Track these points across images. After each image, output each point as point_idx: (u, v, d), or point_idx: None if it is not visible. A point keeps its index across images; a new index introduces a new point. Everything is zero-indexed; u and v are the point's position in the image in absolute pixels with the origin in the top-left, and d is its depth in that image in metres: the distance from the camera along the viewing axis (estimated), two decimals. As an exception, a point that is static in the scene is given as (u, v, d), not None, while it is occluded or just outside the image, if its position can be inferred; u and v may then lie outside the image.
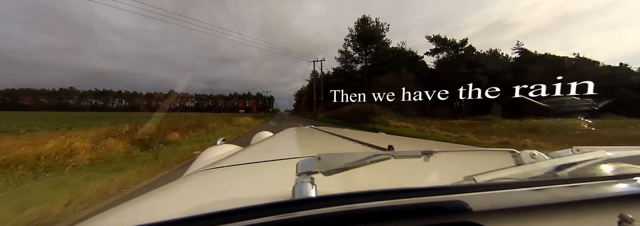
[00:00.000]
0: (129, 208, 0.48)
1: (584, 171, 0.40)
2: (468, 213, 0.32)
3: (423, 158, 0.44)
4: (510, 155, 0.47)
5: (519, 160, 0.45)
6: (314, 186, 0.38)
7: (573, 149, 0.45)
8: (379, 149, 0.99)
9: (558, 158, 0.43)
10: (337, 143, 1.33)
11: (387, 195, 0.31)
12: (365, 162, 0.39)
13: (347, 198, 0.31)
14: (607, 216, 0.34)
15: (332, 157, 0.39)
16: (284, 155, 0.91)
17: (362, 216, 0.29)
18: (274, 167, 0.77)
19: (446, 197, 0.32)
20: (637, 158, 0.44)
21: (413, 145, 1.31)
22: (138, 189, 3.27)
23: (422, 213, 0.32)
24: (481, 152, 0.84)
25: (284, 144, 1.46)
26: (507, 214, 0.33)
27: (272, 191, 0.50)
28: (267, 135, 2.44)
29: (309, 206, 0.29)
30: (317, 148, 1.30)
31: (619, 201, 0.37)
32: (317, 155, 0.39)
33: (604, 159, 0.42)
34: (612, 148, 0.45)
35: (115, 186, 3.24)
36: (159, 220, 0.29)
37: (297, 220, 0.28)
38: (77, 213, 2.47)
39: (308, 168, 0.39)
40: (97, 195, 2.91)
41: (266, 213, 0.28)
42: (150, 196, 0.54)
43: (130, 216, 0.44)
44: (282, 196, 0.42)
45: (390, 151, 0.54)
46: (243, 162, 0.84)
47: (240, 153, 1.15)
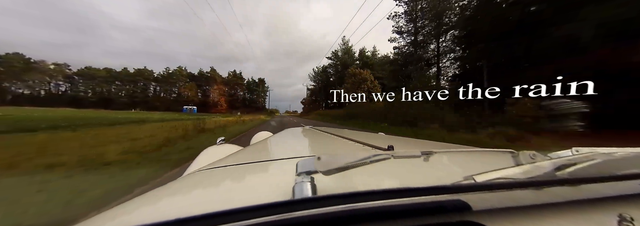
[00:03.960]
0: (129, 208, 0.48)
1: (584, 171, 0.40)
2: (468, 213, 0.32)
3: (423, 158, 0.44)
4: (509, 155, 0.47)
5: (518, 161, 0.45)
6: (313, 186, 0.38)
7: (572, 150, 0.46)
8: (379, 149, 0.99)
9: (557, 158, 0.43)
10: (337, 143, 1.33)
11: (387, 194, 0.32)
12: (365, 161, 0.40)
13: (347, 198, 0.31)
14: (607, 216, 0.34)
15: (332, 156, 0.39)
16: (284, 155, 0.91)
17: (362, 216, 0.29)
18: (273, 167, 0.77)
19: (446, 197, 0.32)
20: (637, 159, 0.44)
21: (413, 145, 1.31)
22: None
23: (422, 213, 0.32)
24: (481, 152, 0.83)
25: (284, 144, 1.46)
26: (507, 214, 0.34)
27: (272, 191, 0.50)
28: (267, 135, 2.44)
29: (309, 206, 0.29)
30: (317, 148, 1.30)
31: (619, 201, 0.37)
32: (317, 155, 0.39)
33: (604, 159, 0.42)
34: (612, 149, 0.45)
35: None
36: (159, 220, 0.29)
37: (297, 220, 0.28)
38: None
39: (308, 168, 0.39)
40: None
41: (266, 213, 0.28)
42: (150, 196, 0.54)
43: (130, 216, 0.44)
44: (282, 196, 0.42)
45: (390, 151, 0.54)
46: (243, 162, 0.84)
47: (240, 153, 1.15)
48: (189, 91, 72.30)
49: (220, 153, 1.32)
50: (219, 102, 71.70)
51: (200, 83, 75.44)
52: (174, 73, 75.94)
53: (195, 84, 74.16)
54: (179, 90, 73.82)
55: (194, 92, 73.29)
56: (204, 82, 75.73)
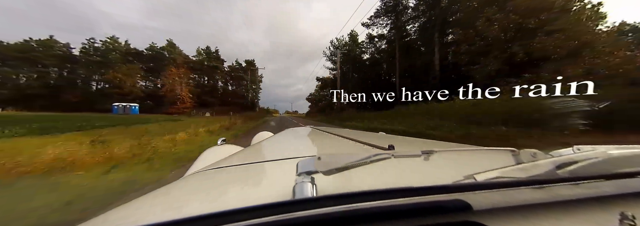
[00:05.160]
0: (130, 208, 0.48)
1: (585, 169, 0.40)
2: (469, 212, 0.32)
3: (423, 158, 0.44)
4: (510, 154, 0.47)
5: (519, 159, 0.45)
6: (314, 186, 0.38)
7: (574, 148, 0.45)
8: (380, 149, 0.99)
9: (559, 157, 0.43)
10: (337, 143, 1.33)
11: (388, 194, 0.31)
12: (365, 161, 0.40)
13: (348, 197, 0.30)
14: (608, 214, 0.34)
15: (332, 156, 0.39)
16: (284, 155, 0.91)
17: (362, 216, 0.29)
18: (274, 167, 0.77)
19: (447, 196, 0.32)
20: (638, 157, 0.44)
21: (413, 144, 1.31)
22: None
23: (422, 213, 0.32)
24: (481, 152, 0.83)
25: (284, 144, 1.46)
26: (508, 213, 0.33)
27: (272, 191, 0.50)
28: (268, 136, 2.44)
29: (309, 206, 0.29)
30: (318, 148, 1.30)
31: (620, 199, 0.37)
32: (317, 155, 0.39)
33: (605, 158, 0.42)
34: (613, 147, 0.45)
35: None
36: (161, 220, 0.29)
37: (297, 220, 0.28)
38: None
39: (308, 168, 0.39)
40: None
41: (266, 213, 0.28)
42: (151, 197, 0.54)
43: (131, 216, 0.44)
44: (282, 196, 0.42)
45: (390, 151, 0.54)
46: (243, 162, 0.84)
47: (240, 154, 1.15)
48: (126, 77, 41.84)
49: (221, 154, 1.32)
50: (179, 97, 42.93)
51: (153, 66, 47.18)
52: (103, 49, 44.93)
53: (139, 67, 45.58)
54: (104, 77, 42.97)
55: (133, 79, 43.34)
56: (157, 64, 46.51)
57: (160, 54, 48.87)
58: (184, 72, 45.10)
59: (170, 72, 43.02)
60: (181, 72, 44.51)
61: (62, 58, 43.59)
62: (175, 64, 45.84)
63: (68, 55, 44.90)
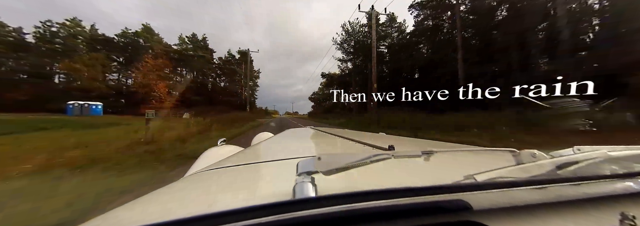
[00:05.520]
0: (131, 208, 0.48)
1: (585, 170, 0.40)
2: (469, 212, 0.32)
3: (423, 158, 0.44)
4: (510, 154, 0.47)
5: (519, 160, 0.45)
6: (314, 186, 0.38)
7: (574, 148, 0.45)
8: (380, 149, 0.99)
9: (559, 157, 0.43)
10: (337, 143, 1.33)
11: (388, 194, 0.31)
12: (365, 161, 0.40)
13: (348, 197, 0.30)
14: (609, 214, 0.34)
15: (332, 156, 0.39)
16: (285, 156, 0.91)
17: (362, 216, 0.29)
18: (274, 167, 0.77)
19: (447, 196, 0.32)
20: (638, 157, 0.44)
21: (413, 145, 1.31)
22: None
23: (422, 213, 0.32)
24: (482, 152, 0.83)
25: (285, 145, 1.46)
26: (508, 213, 0.33)
27: (272, 191, 0.50)
28: (268, 136, 2.44)
29: (309, 206, 0.29)
30: (318, 148, 1.30)
31: (620, 199, 0.37)
32: (317, 155, 0.39)
33: (605, 158, 0.42)
34: (613, 148, 0.45)
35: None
36: (160, 220, 0.29)
37: (297, 220, 0.28)
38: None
39: (308, 168, 0.39)
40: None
41: (266, 213, 0.28)
42: (151, 197, 0.54)
43: (131, 216, 0.44)
44: (282, 196, 0.42)
45: (390, 151, 0.54)
46: (244, 163, 0.85)
47: (241, 154, 1.16)
48: (87, 69, 32.23)
49: (222, 154, 1.32)
50: (155, 93, 32.35)
51: (129, 56, 37.06)
52: (63, 35, 34.51)
53: (105, 57, 34.96)
54: (60, 68, 33.07)
55: (96, 71, 33.24)
56: (134, 55, 36.03)
57: (135, 41, 37.95)
58: (162, 63, 34.26)
59: (145, 63, 32.59)
60: (159, 63, 33.85)
61: (10, 45, 31.28)
62: (153, 54, 35.23)
63: (19, 41, 32.86)
